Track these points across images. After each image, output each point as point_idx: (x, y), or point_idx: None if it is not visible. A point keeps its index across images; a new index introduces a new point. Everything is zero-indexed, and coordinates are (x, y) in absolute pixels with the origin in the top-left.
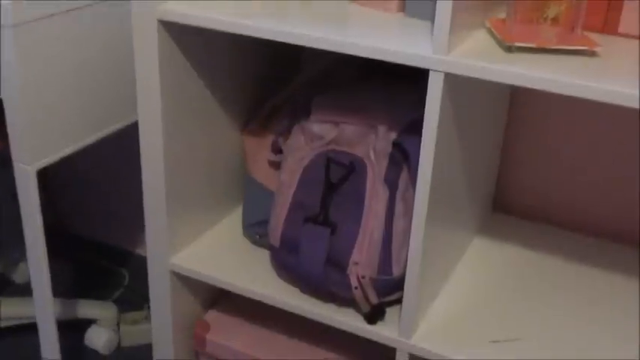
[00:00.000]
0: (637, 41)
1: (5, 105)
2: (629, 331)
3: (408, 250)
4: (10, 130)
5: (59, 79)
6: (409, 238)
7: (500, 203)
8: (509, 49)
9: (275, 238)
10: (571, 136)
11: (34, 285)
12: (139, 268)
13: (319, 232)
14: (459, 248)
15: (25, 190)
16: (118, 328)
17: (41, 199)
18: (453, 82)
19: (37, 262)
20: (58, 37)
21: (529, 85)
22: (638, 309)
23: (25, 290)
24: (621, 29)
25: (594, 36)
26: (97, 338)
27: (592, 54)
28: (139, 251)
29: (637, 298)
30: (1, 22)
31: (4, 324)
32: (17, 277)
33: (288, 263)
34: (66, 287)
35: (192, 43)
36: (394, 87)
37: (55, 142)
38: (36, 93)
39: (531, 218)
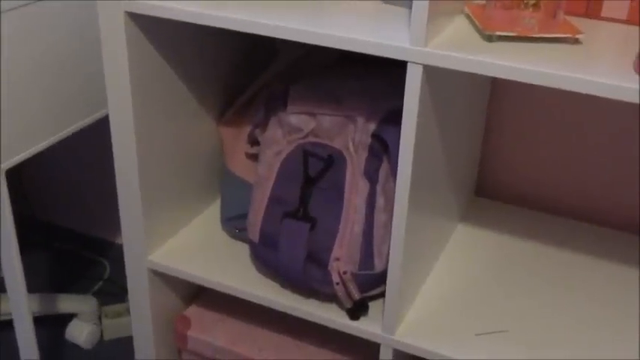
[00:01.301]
0: (620, 25)
1: None
2: (626, 324)
3: (389, 244)
4: None
5: (25, 74)
6: (391, 231)
7: (484, 188)
8: (490, 39)
9: (254, 234)
10: (555, 118)
11: (7, 285)
12: (120, 259)
13: (299, 227)
14: (443, 237)
15: None
16: (100, 322)
17: (17, 189)
18: (432, 73)
19: (9, 262)
20: (22, 31)
21: (510, 77)
22: (637, 301)
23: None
24: (604, 13)
25: (577, 21)
26: (79, 333)
27: (575, 41)
28: (119, 241)
29: (636, 289)
30: None
31: None
32: None
33: (268, 259)
34: (47, 279)
35: (162, 34)
36: (372, 74)
37: (24, 139)
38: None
39: (515, 202)
